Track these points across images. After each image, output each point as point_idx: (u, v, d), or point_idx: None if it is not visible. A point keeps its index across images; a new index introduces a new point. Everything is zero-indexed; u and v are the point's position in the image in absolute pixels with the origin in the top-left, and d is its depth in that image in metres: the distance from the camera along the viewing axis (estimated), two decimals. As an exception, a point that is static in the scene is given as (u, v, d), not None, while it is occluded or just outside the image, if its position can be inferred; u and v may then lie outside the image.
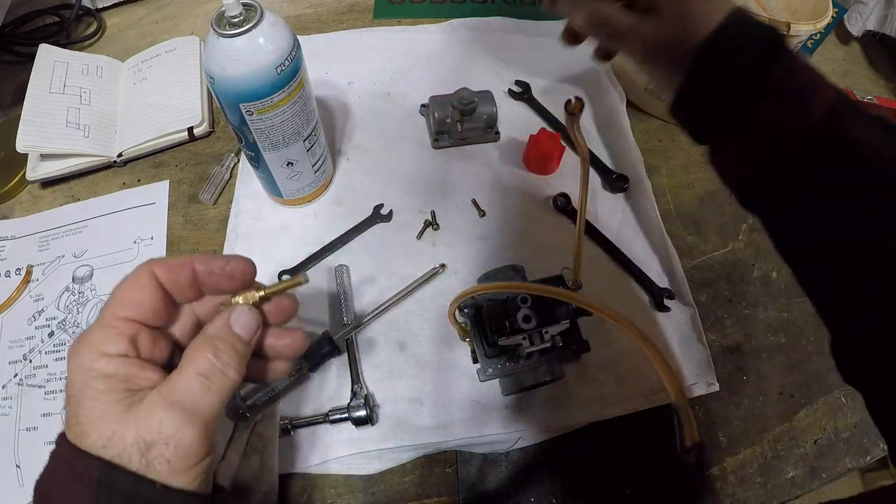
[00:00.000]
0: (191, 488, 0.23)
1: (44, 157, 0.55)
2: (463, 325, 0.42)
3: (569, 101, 0.31)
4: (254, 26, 0.40)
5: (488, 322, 0.40)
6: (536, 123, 0.62)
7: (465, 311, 0.41)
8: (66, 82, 0.58)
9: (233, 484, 0.40)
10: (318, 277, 0.51)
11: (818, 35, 0.75)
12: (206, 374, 0.23)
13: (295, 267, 0.51)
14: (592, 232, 0.54)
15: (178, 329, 0.27)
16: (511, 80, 0.65)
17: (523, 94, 0.65)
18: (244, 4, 0.41)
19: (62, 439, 0.23)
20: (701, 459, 0.25)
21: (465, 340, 0.44)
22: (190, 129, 0.58)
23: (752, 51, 0.30)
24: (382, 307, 0.48)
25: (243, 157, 0.58)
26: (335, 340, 0.45)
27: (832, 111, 0.29)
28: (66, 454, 0.22)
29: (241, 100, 0.43)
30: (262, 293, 0.26)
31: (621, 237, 0.55)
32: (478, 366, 0.40)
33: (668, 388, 0.26)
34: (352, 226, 0.54)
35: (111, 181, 0.57)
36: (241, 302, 0.26)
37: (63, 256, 0.52)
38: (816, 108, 0.29)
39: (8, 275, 0.52)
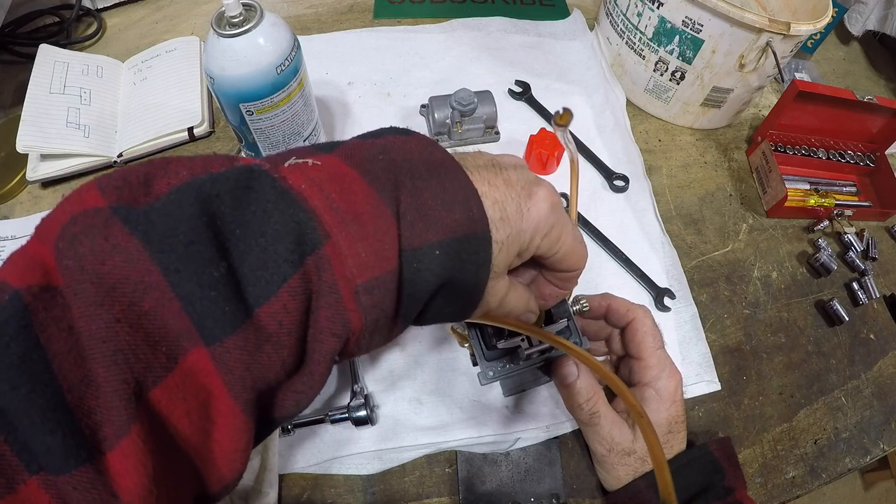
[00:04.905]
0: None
1: (44, 157, 0.55)
2: (460, 330, 0.42)
3: (557, 113, 0.32)
4: (254, 26, 0.40)
5: (486, 325, 0.39)
6: (536, 123, 0.62)
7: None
8: (66, 82, 0.58)
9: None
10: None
11: (818, 35, 0.75)
12: (511, 313, 0.30)
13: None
14: (593, 232, 0.54)
15: None
16: (511, 80, 0.65)
17: (523, 94, 0.65)
18: (244, 4, 0.41)
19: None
20: None
21: (463, 346, 0.44)
22: (190, 130, 0.58)
23: (689, 488, 0.38)
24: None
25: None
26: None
27: None
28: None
29: (241, 100, 0.43)
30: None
31: (622, 237, 0.55)
32: (477, 369, 0.40)
33: (659, 482, 0.27)
34: (352, 226, 0.53)
35: (111, 181, 0.57)
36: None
37: (63, 256, 0.52)
38: None
39: (8, 275, 0.52)
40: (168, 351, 0.19)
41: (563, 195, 0.56)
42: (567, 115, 0.31)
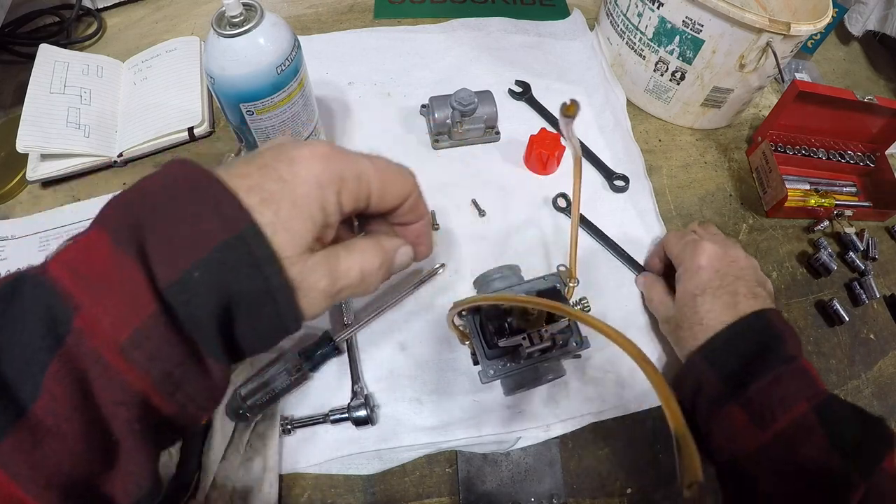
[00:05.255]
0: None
1: (44, 157, 0.55)
2: (462, 328, 0.42)
3: (564, 104, 0.31)
4: (254, 26, 0.40)
5: (488, 323, 0.40)
6: (536, 123, 0.62)
7: (464, 314, 0.41)
8: (66, 82, 0.58)
9: (233, 484, 0.40)
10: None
11: (818, 35, 0.75)
12: (364, 274, 0.27)
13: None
14: (595, 231, 0.54)
15: None
16: (511, 80, 0.65)
17: (523, 94, 0.65)
18: (244, 4, 0.41)
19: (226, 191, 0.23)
20: (702, 497, 0.24)
21: (464, 344, 0.44)
22: (190, 129, 0.58)
23: (744, 354, 0.39)
24: (382, 307, 0.48)
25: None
26: (335, 340, 0.45)
27: (793, 428, 0.35)
28: (232, 217, 0.22)
29: (241, 100, 0.43)
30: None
31: (622, 237, 0.55)
32: (479, 368, 0.40)
33: (668, 417, 0.26)
34: (352, 226, 0.53)
35: (112, 181, 0.57)
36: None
37: (63, 256, 0.52)
38: (777, 424, 0.35)
39: (8, 275, 0.52)
40: None
41: (564, 195, 0.56)
42: (574, 105, 0.31)
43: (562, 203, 0.56)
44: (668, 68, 0.60)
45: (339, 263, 0.26)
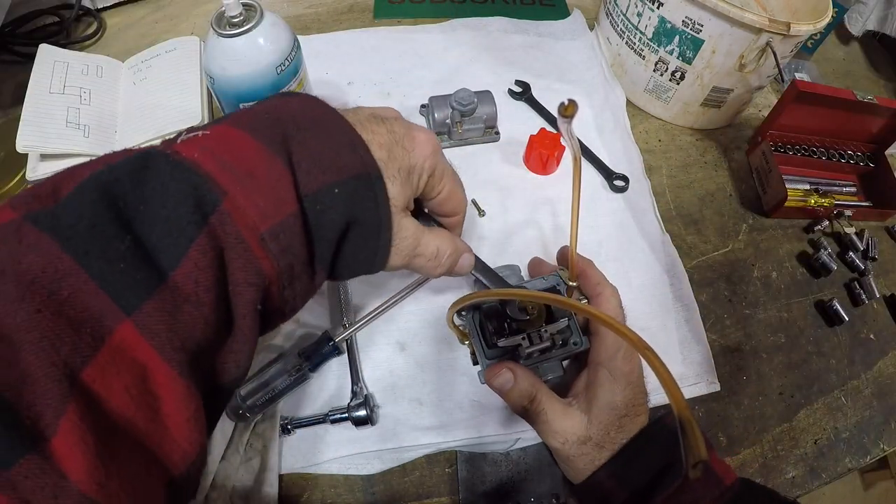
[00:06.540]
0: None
1: (44, 157, 0.55)
2: (461, 328, 0.42)
3: (562, 104, 0.31)
4: (254, 26, 0.40)
5: (487, 323, 0.39)
6: (536, 123, 0.62)
7: (463, 313, 0.41)
8: (66, 82, 0.58)
9: (233, 484, 0.40)
10: (318, 277, 0.51)
11: (818, 35, 0.75)
12: (438, 253, 0.32)
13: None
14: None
15: None
16: (511, 80, 0.65)
17: (523, 94, 0.65)
18: (244, 4, 0.41)
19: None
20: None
21: (464, 343, 0.44)
22: (190, 129, 0.58)
23: (650, 467, 0.34)
24: (382, 307, 0.48)
25: (243, 157, 0.58)
26: (335, 341, 0.44)
27: None
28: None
29: (241, 100, 0.43)
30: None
31: (622, 237, 0.55)
32: (478, 367, 0.40)
33: (671, 402, 0.25)
34: (352, 226, 0.54)
35: (111, 181, 0.57)
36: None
37: (63, 256, 0.52)
38: None
39: (8, 275, 0.52)
40: (93, 331, 0.20)
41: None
42: (572, 106, 0.31)
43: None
44: (667, 68, 0.60)
45: (422, 235, 0.31)
